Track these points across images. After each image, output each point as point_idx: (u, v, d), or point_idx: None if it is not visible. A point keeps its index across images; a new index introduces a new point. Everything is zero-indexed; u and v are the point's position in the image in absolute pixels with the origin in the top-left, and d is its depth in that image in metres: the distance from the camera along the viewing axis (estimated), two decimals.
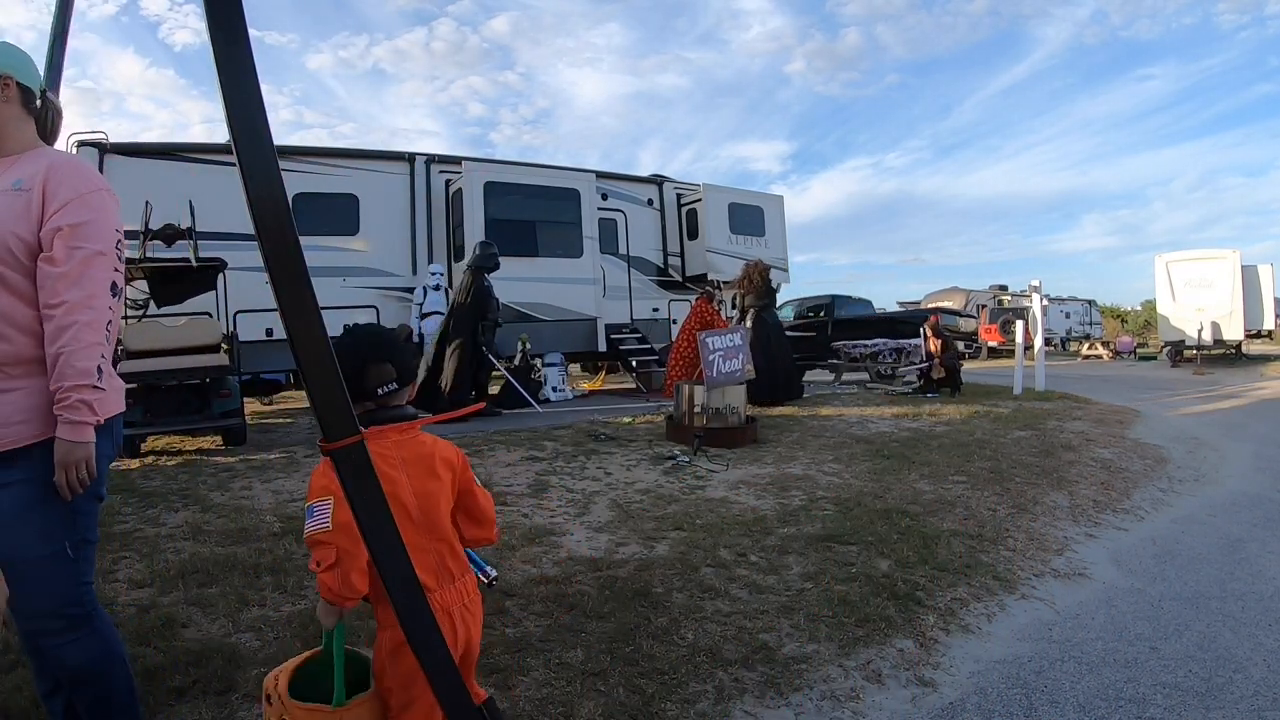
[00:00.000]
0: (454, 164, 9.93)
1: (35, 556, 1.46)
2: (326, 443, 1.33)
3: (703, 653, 2.43)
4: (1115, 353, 18.80)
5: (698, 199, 11.85)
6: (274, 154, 1.22)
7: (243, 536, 3.61)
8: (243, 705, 2.10)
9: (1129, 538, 3.83)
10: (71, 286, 1.44)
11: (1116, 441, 6.24)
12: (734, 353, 6.62)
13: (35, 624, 1.52)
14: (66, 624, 1.53)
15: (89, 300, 1.47)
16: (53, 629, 1.51)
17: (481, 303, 7.73)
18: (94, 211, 1.52)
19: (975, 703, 2.21)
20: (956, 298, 23.37)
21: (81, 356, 1.45)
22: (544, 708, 2.10)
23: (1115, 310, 28.58)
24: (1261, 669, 2.40)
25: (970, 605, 2.89)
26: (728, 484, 4.77)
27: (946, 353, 9.65)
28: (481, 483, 1.61)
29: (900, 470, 5.04)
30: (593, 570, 3.19)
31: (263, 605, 2.80)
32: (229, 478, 4.92)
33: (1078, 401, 8.73)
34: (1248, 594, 3.06)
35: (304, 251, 1.25)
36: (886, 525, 3.75)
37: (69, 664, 1.55)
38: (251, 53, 1.19)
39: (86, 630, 1.57)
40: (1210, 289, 15.10)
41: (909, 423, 7.15)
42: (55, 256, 1.45)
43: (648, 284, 11.77)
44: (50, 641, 1.53)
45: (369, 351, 1.51)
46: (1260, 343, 18.23)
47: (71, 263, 1.45)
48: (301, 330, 1.24)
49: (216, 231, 7.46)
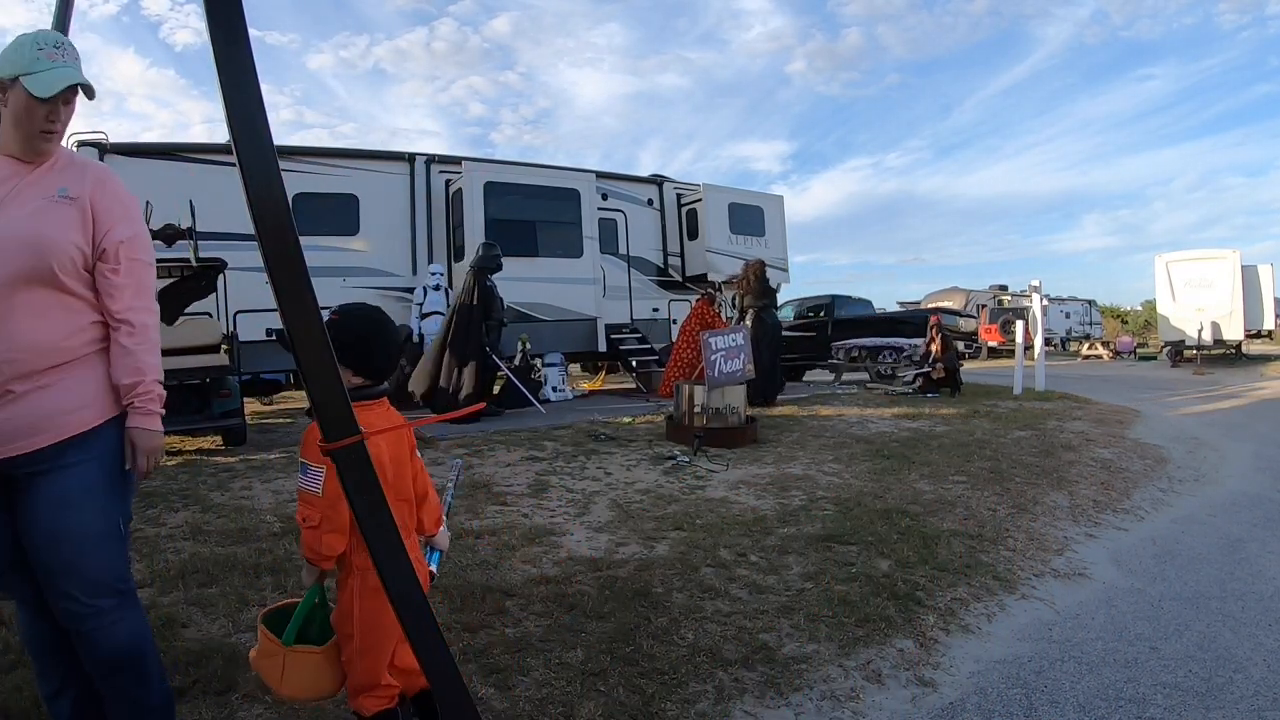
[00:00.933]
0: (454, 164, 9.93)
1: (95, 533, 1.55)
2: (326, 443, 1.33)
3: (703, 653, 2.43)
4: (1115, 353, 18.80)
5: (698, 199, 11.85)
6: (274, 154, 1.22)
7: (243, 536, 3.61)
8: (243, 705, 2.10)
9: (1129, 538, 3.83)
10: (136, 295, 1.62)
11: (1116, 441, 6.24)
12: (735, 353, 6.62)
13: (92, 603, 1.56)
14: (119, 600, 1.61)
15: (150, 306, 1.67)
16: (106, 607, 1.58)
17: (485, 304, 7.73)
18: (139, 224, 1.70)
19: (975, 703, 2.21)
20: (956, 298, 23.38)
21: (152, 355, 1.65)
22: (544, 708, 2.10)
23: (1115, 310, 28.58)
24: (1261, 669, 2.40)
25: (970, 605, 2.89)
26: (728, 484, 4.77)
27: (946, 353, 9.65)
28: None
29: (900, 470, 5.04)
30: (593, 570, 3.19)
31: (263, 605, 2.80)
32: (229, 478, 4.93)
33: (1078, 401, 8.73)
34: (1248, 594, 3.06)
35: (304, 251, 1.25)
36: (886, 525, 3.75)
37: (120, 642, 1.60)
38: (251, 53, 1.19)
39: (131, 605, 1.66)
40: (1210, 289, 15.10)
41: (909, 423, 7.15)
42: (119, 268, 1.60)
43: (648, 284, 11.77)
44: (104, 620, 1.58)
45: (375, 330, 1.72)
46: (1260, 343, 18.23)
47: (133, 273, 1.62)
48: (301, 330, 1.24)
49: (216, 231, 7.46)
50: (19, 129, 1.52)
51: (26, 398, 1.46)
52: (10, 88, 1.50)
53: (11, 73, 1.49)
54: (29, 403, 1.46)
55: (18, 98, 1.50)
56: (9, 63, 1.50)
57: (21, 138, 1.53)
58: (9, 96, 1.51)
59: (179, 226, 6.72)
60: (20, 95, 1.50)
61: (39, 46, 1.51)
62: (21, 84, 1.49)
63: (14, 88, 1.50)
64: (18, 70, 1.49)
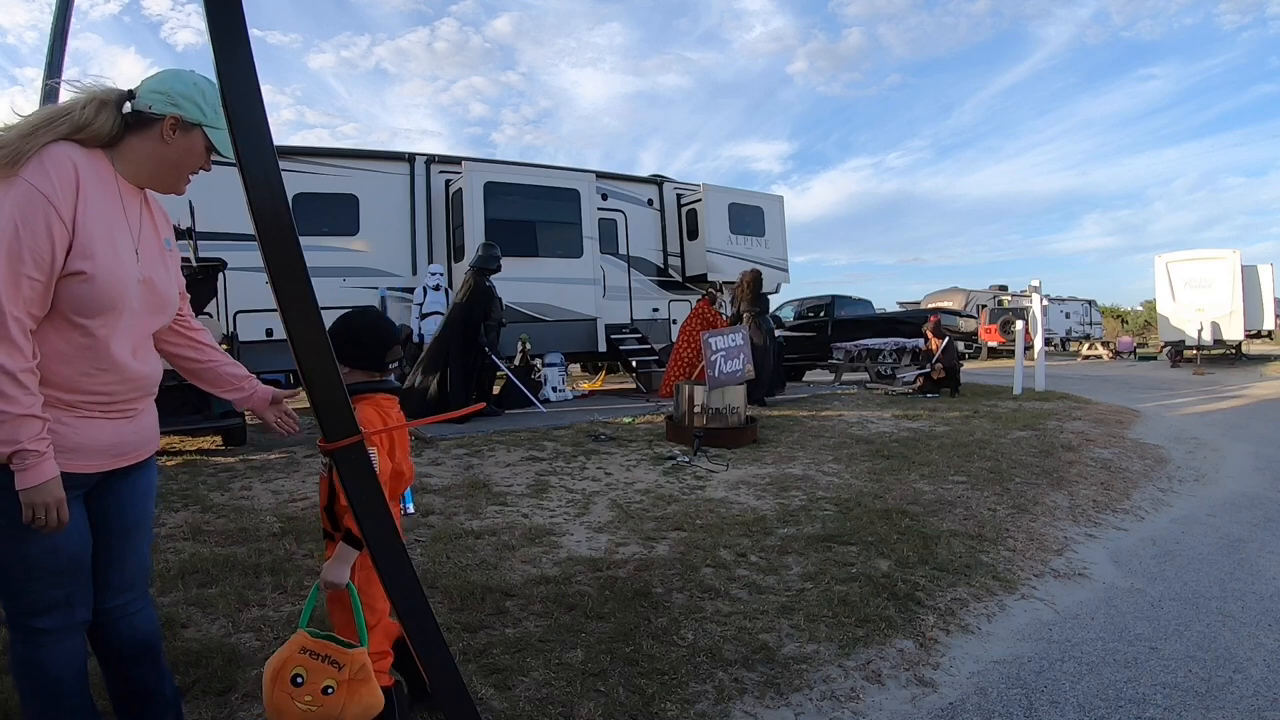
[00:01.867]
0: (454, 164, 9.93)
1: (148, 523, 1.74)
2: (326, 443, 1.33)
3: (703, 653, 2.43)
4: (1115, 353, 18.79)
5: (698, 199, 11.85)
6: (274, 154, 1.22)
7: (243, 536, 3.61)
8: (243, 705, 2.10)
9: (1129, 538, 3.83)
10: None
11: (1116, 441, 6.24)
12: (735, 352, 6.63)
13: (141, 589, 1.72)
14: (146, 586, 1.75)
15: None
16: (139, 595, 1.71)
17: (484, 304, 7.72)
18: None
19: (975, 703, 2.21)
20: (956, 298, 23.36)
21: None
22: (544, 708, 2.10)
23: (1115, 310, 28.58)
24: (1261, 669, 2.40)
25: (970, 605, 2.89)
26: (728, 484, 4.77)
27: (946, 353, 9.65)
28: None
29: (900, 470, 5.04)
30: (593, 570, 3.19)
31: (263, 605, 2.80)
32: (229, 478, 4.93)
33: (1078, 401, 8.73)
34: (1247, 594, 3.06)
35: (304, 251, 1.25)
36: (886, 525, 3.75)
37: (146, 630, 1.71)
38: (251, 53, 1.19)
39: (150, 596, 1.78)
40: (1210, 289, 15.09)
41: (909, 423, 7.15)
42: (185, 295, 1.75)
43: (648, 284, 11.77)
44: (134, 607, 1.68)
45: (385, 331, 1.95)
46: (1260, 343, 18.22)
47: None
48: (302, 331, 1.24)
49: (216, 231, 7.47)
50: (173, 169, 1.53)
51: (146, 414, 1.64)
52: (184, 128, 1.49)
53: (196, 119, 1.49)
54: (148, 418, 1.65)
55: (192, 143, 1.51)
56: (195, 107, 1.49)
57: (169, 178, 1.55)
58: (177, 137, 1.50)
59: (179, 226, 6.72)
60: (198, 141, 1.51)
61: (219, 104, 1.50)
62: (204, 133, 1.51)
63: (189, 132, 1.50)
64: (203, 120, 1.50)
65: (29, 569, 1.44)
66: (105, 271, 1.39)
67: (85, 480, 1.50)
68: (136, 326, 1.52)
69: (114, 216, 1.44)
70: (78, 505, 1.50)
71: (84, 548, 1.52)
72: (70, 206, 1.34)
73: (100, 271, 1.38)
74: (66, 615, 1.50)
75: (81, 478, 1.48)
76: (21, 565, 1.43)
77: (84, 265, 1.36)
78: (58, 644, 1.51)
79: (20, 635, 1.49)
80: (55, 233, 1.31)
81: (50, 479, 1.35)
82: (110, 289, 1.41)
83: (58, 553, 1.45)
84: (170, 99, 1.47)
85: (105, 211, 1.42)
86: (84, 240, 1.36)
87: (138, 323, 1.52)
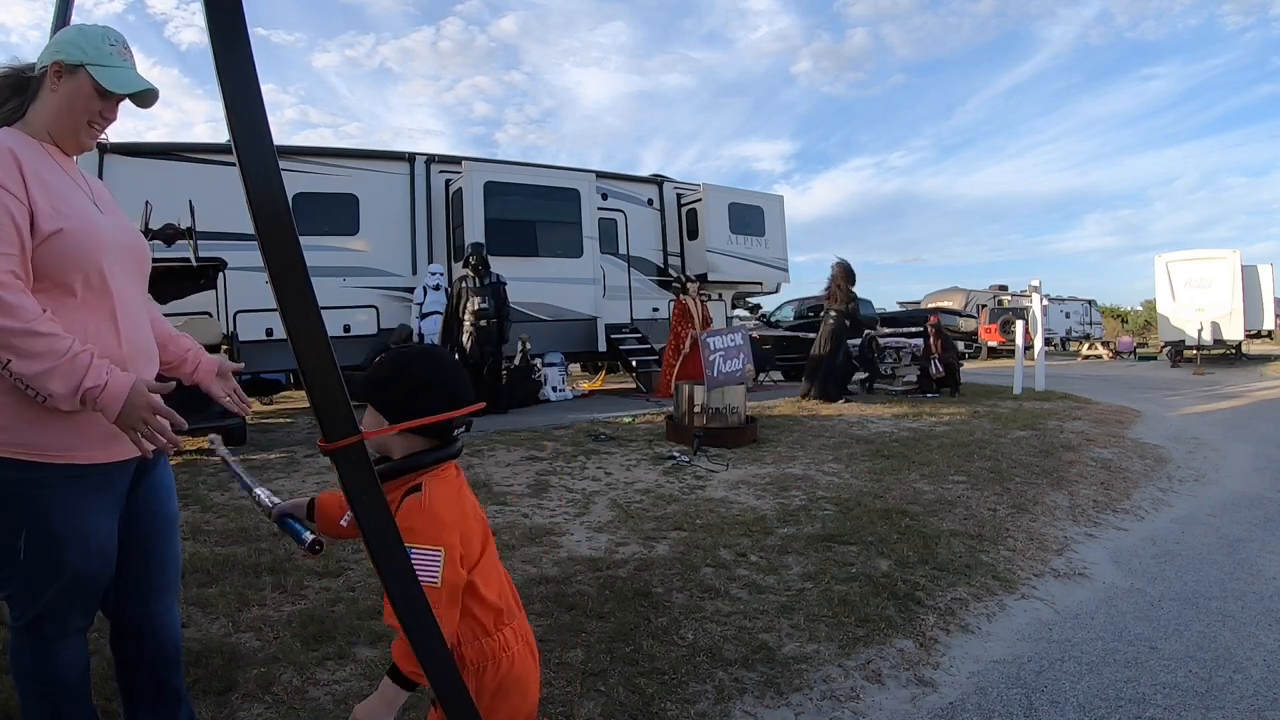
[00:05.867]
0: (454, 164, 9.94)
1: (177, 522, 1.73)
2: (326, 443, 1.33)
3: (703, 653, 2.43)
4: (1115, 353, 18.78)
5: (698, 199, 11.85)
6: (274, 154, 1.21)
7: (243, 536, 3.61)
8: (243, 705, 2.10)
9: (1129, 538, 3.83)
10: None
11: (1116, 441, 6.24)
12: (735, 352, 6.63)
13: (174, 591, 1.72)
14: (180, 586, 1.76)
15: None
16: (174, 593, 1.71)
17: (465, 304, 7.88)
18: None
19: (975, 703, 2.21)
20: (956, 298, 23.35)
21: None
22: (544, 708, 2.10)
23: (1115, 310, 28.59)
24: (1261, 669, 2.40)
25: (970, 605, 2.89)
26: (728, 484, 4.77)
27: (947, 353, 9.64)
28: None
29: (900, 470, 5.04)
30: (593, 570, 3.19)
31: (263, 605, 2.80)
32: (229, 477, 4.92)
33: (1078, 401, 8.73)
34: (1247, 594, 3.06)
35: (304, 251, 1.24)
36: (886, 525, 3.75)
37: (176, 630, 1.71)
38: (252, 53, 1.19)
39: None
40: (1210, 289, 15.09)
41: (909, 423, 7.15)
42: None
43: (648, 284, 11.77)
44: (168, 604, 1.69)
45: (459, 390, 1.37)
46: (1260, 343, 18.22)
47: None
48: (302, 331, 1.24)
49: (216, 231, 7.46)
50: (67, 117, 1.48)
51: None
52: (68, 74, 1.46)
53: (77, 60, 1.45)
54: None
55: (78, 85, 1.46)
56: (75, 48, 1.45)
57: (69, 128, 1.49)
58: (62, 83, 1.46)
59: (179, 226, 6.72)
60: (84, 83, 1.46)
61: (109, 42, 1.48)
62: (87, 72, 1.45)
63: (74, 75, 1.46)
64: (84, 59, 1.45)
65: (37, 577, 1.42)
66: (77, 221, 1.41)
67: (121, 476, 1.50)
68: (125, 286, 1.50)
69: (60, 178, 1.45)
70: (110, 517, 1.49)
71: (105, 566, 1.50)
72: (18, 180, 1.34)
73: (71, 224, 1.39)
74: (71, 621, 1.49)
75: (115, 471, 1.47)
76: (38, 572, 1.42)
77: (56, 224, 1.37)
78: (61, 648, 1.49)
79: (22, 638, 1.48)
80: (13, 208, 1.32)
81: (129, 389, 1.32)
82: (88, 235, 1.42)
83: (73, 565, 1.43)
84: (55, 49, 1.46)
85: (50, 175, 1.43)
86: (44, 206, 1.36)
87: (127, 278, 1.51)
